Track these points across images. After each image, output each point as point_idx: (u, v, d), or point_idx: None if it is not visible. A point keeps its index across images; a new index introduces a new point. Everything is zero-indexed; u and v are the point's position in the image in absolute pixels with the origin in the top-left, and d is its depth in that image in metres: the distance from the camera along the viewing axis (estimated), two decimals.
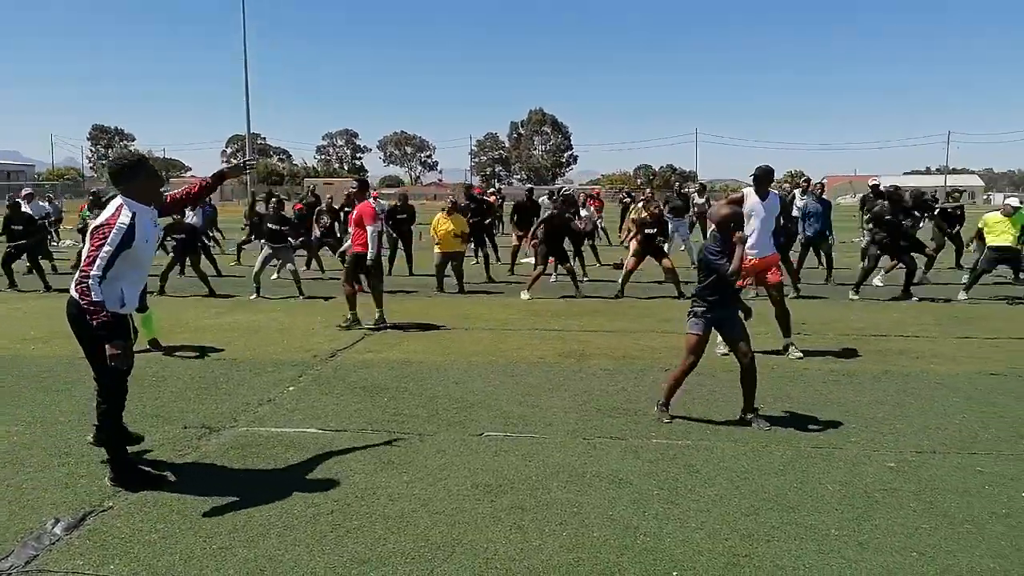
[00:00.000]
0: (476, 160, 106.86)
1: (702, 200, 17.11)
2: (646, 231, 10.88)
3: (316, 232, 14.32)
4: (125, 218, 3.79)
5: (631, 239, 11.46)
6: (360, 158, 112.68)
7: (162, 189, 4.36)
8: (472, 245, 13.74)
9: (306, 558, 3.23)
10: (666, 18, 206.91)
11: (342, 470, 4.25)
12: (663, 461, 4.38)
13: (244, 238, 15.82)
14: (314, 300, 10.76)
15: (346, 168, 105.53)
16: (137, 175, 3.96)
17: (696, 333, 5.06)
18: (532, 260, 14.16)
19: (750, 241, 7.10)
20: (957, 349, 7.34)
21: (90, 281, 3.66)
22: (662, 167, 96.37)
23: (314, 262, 14.45)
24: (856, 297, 10.57)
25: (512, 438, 4.80)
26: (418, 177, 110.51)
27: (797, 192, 13.85)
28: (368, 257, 8.43)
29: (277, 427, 5.03)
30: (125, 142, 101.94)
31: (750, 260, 7.19)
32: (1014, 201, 10.78)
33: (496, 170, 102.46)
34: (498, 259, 14.75)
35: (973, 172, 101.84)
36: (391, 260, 14.03)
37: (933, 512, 3.68)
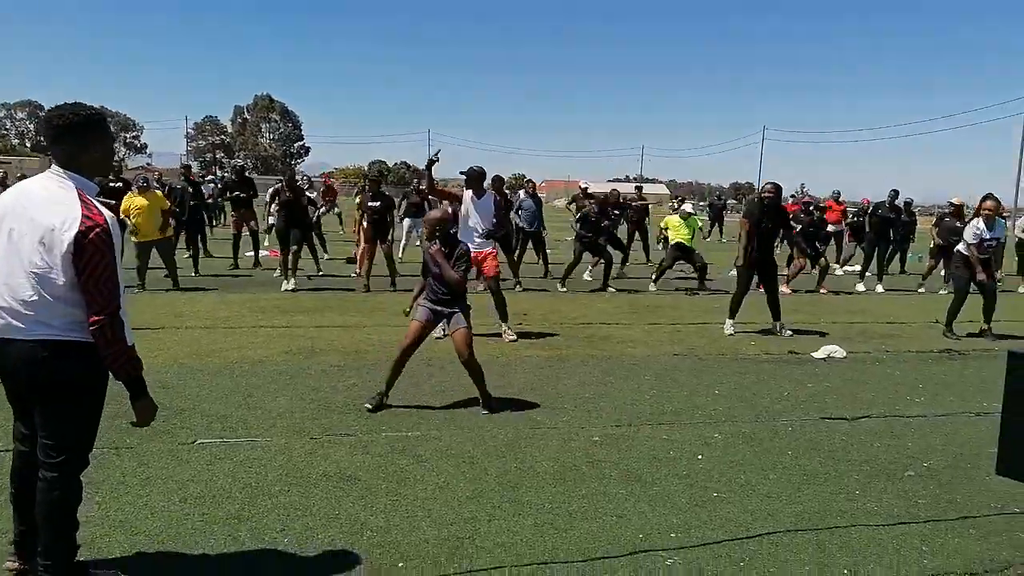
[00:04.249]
0: (194, 144, 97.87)
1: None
2: (370, 204, 10.82)
3: None
4: (97, 208, 2.52)
5: (359, 228, 11.45)
6: None
7: None
8: (184, 235, 12.61)
9: None
10: (399, 17, 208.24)
11: None
12: (392, 454, 4.37)
13: None
14: None
15: (28, 145, 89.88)
16: (99, 135, 2.63)
17: (418, 320, 5.26)
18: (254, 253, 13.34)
19: (474, 238, 7.57)
20: (648, 334, 8.41)
21: (116, 318, 2.52)
22: (396, 163, 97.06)
23: None
24: (564, 289, 11.65)
25: (230, 444, 4.43)
26: (122, 159, 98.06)
27: (521, 192, 14.81)
28: None
29: None
30: None
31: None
32: (688, 207, 12.85)
33: (217, 156, 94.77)
34: (207, 253, 13.71)
35: (661, 182, 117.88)
36: None
37: (630, 478, 4.15)
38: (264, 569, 3.03)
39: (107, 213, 2.54)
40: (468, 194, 7.83)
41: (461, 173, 7.91)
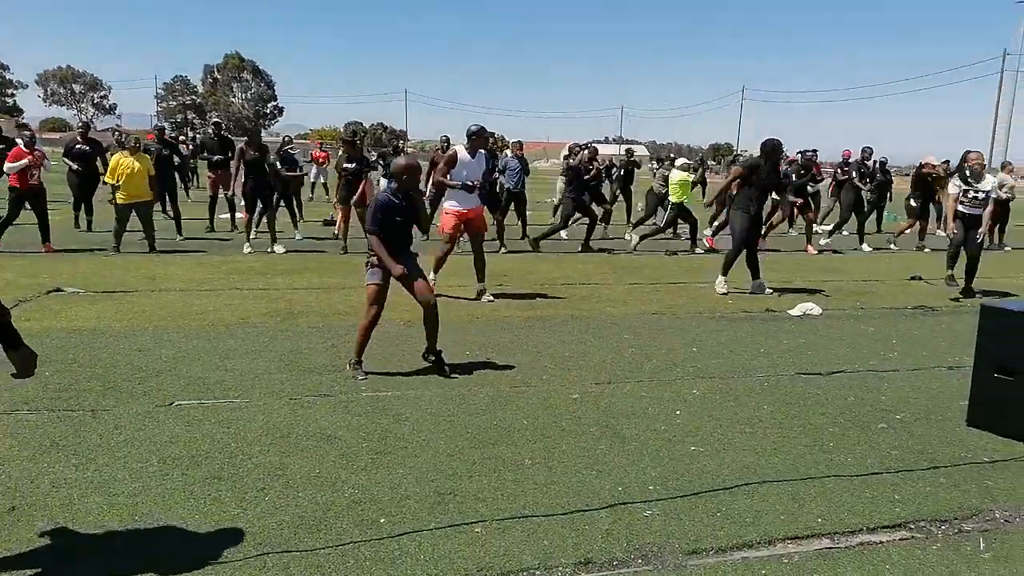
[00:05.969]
0: (164, 105, 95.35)
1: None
2: (345, 165, 10.66)
3: None
4: None
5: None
6: (12, 95, 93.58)
7: None
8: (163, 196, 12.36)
9: None
10: None
11: None
12: (372, 413, 4.37)
13: None
14: None
15: None
16: None
17: (375, 283, 4.97)
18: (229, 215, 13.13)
19: (460, 194, 7.44)
20: (627, 294, 8.44)
21: None
22: (373, 124, 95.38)
23: None
24: (538, 250, 11.67)
25: (208, 405, 4.40)
26: (90, 121, 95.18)
27: (508, 152, 14.64)
28: None
29: None
30: None
31: (460, 211, 7.53)
32: (681, 164, 12.76)
33: (189, 117, 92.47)
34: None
35: (640, 143, 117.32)
36: (76, 208, 12.33)
37: (609, 434, 4.19)
38: (247, 527, 3.02)
39: None
40: (461, 150, 7.54)
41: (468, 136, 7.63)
